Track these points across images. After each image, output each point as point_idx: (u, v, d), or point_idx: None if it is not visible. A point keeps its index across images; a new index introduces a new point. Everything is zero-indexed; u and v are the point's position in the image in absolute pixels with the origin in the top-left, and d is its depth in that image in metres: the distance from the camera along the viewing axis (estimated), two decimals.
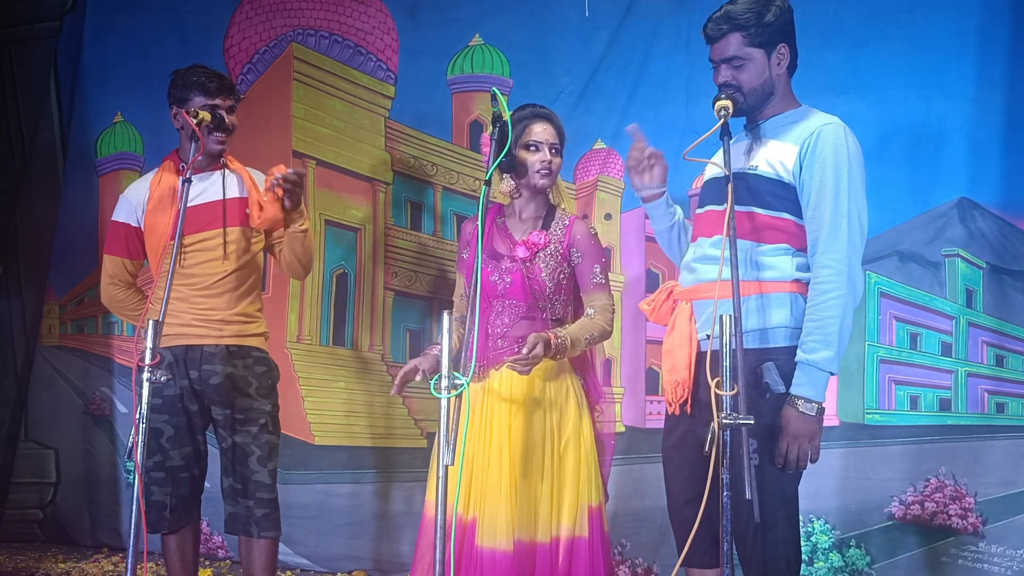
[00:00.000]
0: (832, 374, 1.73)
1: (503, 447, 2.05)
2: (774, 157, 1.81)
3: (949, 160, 2.71)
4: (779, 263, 1.80)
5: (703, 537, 1.71)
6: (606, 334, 2.13)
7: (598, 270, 2.13)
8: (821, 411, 1.71)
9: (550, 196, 2.19)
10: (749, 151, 1.87)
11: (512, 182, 2.15)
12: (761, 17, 1.80)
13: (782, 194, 1.80)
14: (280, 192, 2.31)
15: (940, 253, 2.73)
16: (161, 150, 2.77)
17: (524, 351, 1.93)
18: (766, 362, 1.74)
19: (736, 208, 1.75)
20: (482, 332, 2.09)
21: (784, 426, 1.70)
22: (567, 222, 2.15)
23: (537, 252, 2.11)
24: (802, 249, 1.81)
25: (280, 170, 2.31)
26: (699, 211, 1.96)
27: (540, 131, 2.12)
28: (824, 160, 1.75)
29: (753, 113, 1.89)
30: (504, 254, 2.13)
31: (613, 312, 2.14)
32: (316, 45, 3.43)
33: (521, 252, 2.11)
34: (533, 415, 2.07)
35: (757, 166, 1.82)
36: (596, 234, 2.17)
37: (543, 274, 2.10)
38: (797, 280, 1.80)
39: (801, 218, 1.80)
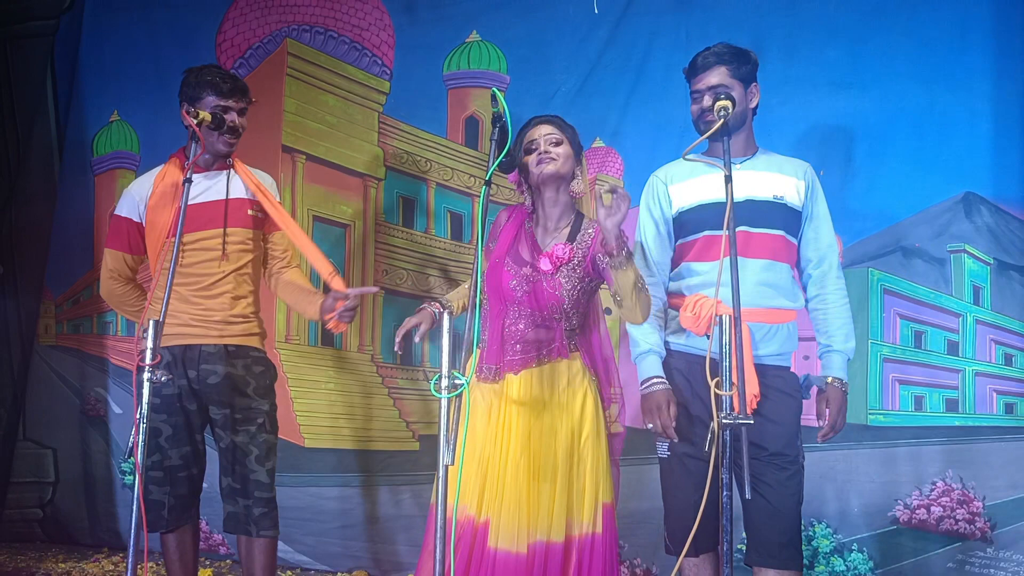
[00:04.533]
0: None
1: (520, 451, 2.04)
2: (789, 188, 2.06)
3: (954, 155, 2.66)
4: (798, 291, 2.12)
5: (689, 527, 1.83)
6: (649, 302, 2.02)
7: None
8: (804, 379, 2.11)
9: (577, 203, 2.16)
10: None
11: (529, 197, 2.18)
12: (740, 56, 2.08)
13: (796, 223, 2.08)
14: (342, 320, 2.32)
15: (945, 249, 2.68)
16: (157, 148, 2.78)
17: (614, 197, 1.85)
18: (805, 374, 2.11)
19: (776, 232, 2.05)
20: (498, 335, 2.09)
21: (835, 404, 2.05)
22: (592, 231, 2.11)
23: (560, 267, 2.08)
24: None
25: (338, 302, 2.29)
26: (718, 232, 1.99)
27: (534, 132, 2.13)
28: (819, 191, 2.12)
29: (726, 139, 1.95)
30: (528, 261, 2.10)
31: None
32: (311, 41, 3.42)
33: (544, 265, 2.08)
34: (551, 419, 2.06)
35: (784, 196, 2.05)
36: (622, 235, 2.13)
37: (562, 289, 2.07)
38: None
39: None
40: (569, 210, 2.15)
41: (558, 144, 2.10)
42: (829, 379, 2.06)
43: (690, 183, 2.10)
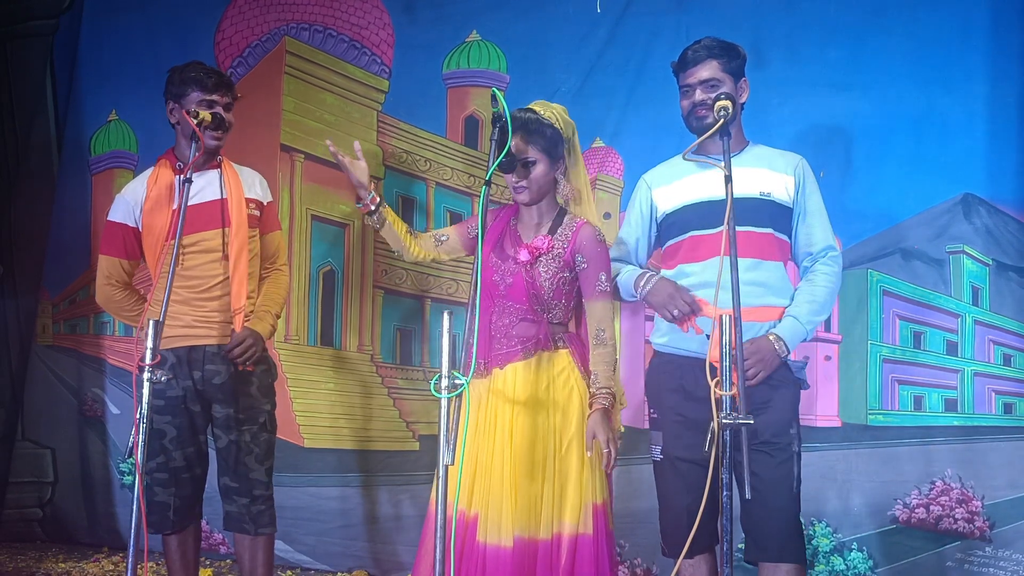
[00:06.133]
0: (807, 337, 2.03)
1: (506, 446, 2.06)
2: (777, 184, 2.03)
3: (953, 156, 2.66)
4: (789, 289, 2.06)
5: (688, 526, 1.82)
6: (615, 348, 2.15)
7: (603, 277, 2.11)
8: (786, 360, 1.98)
9: (558, 199, 2.18)
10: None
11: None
12: (730, 51, 2.06)
13: (785, 220, 2.05)
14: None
15: (944, 250, 2.69)
16: (156, 148, 2.77)
17: (604, 454, 1.98)
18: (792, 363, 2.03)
19: (763, 231, 2.02)
20: (485, 330, 2.11)
21: (757, 353, 1.94)
22: (574, 227, 2.13)
23: (539, 256, 2.11)
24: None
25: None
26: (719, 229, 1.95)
27: (512, 147, 2.04)
28: (812, 185, 2.08)
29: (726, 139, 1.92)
30: (511, 255, 2.14)
31: (613, 319, 2.15)
32: (310, 39, 3.41)
33: (523, 255, 2.11)
34: (536, 415, 2.07)
35: (771, 192, 2.02)
36: (604, 240, 2.14)
37: (542, 278, 2.10)
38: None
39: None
40: (551, 208, 2.17)
41: (534, 166, 2.08)
42: (768, 332, 1.96)
43: (675, 185, 2.10)
